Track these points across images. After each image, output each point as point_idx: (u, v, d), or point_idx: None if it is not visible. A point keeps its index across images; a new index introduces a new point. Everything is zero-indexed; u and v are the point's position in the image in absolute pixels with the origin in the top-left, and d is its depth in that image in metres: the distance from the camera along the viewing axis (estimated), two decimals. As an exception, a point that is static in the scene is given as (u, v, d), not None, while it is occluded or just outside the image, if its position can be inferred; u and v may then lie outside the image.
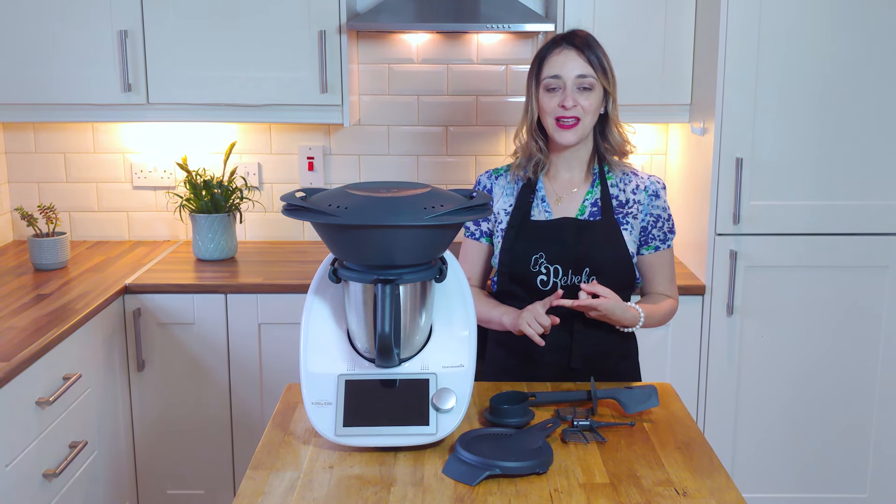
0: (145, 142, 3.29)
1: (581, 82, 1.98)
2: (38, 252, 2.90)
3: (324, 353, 1.70)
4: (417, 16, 2.99)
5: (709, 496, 1.51)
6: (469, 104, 3.30)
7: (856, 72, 2.73)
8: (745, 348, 2.88)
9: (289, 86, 2.94)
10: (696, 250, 2.95)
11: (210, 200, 3.04)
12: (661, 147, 3.32)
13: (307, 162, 3.31)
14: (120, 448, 2.77)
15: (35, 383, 2.19)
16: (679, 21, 2.91)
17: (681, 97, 2.97)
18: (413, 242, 1.58)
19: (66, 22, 2.88)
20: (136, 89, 2.93)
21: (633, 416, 1.82)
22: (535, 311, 1.91)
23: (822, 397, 2.92)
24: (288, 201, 1.59)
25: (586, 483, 1.55)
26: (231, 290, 2.81)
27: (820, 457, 2.96)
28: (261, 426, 2.81)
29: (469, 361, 1.70)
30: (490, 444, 1.62)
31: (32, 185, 3.32)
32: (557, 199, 2.08)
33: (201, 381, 2.85)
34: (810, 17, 2.70)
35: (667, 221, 2.08)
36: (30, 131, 3.29)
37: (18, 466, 2.10)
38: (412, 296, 1.65)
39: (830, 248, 2.82)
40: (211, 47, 2.91)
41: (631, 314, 1.96)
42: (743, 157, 2.76)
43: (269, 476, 1.58)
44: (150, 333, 2.81)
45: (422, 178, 3.34)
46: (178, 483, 2.90)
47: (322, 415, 1.66)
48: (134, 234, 3.37)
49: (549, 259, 2.01)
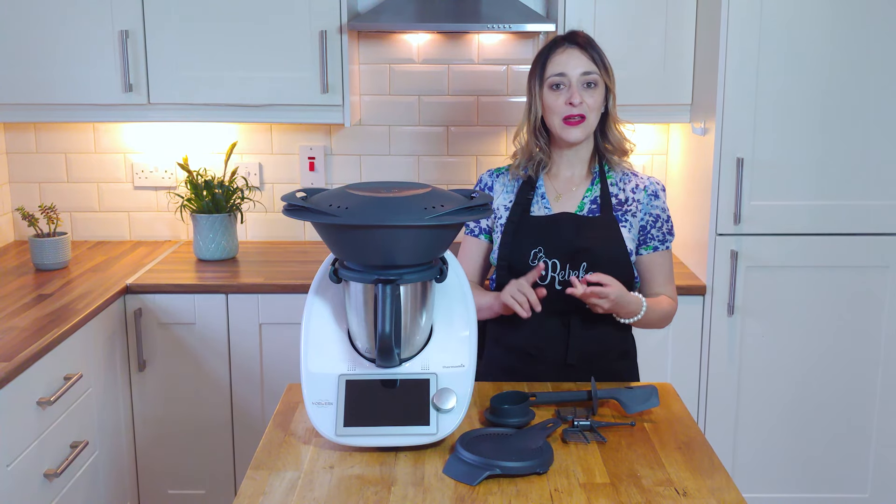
0: (146, 142, 3.30)
1: (586, 79, 2.00)
2: (39, 252, 2.90)
3: (324, 353, 1.70)
4: (418, 16, 2.99)
5: (709, 496, 1.51)
6: (470, 104, 3.30)
7: (857, 72, 2.73)
8: (746, 348, 2.88)
9: (290, 86, 2.94)
10: (696, 250, 2.95)
11: (211, 200, 3.04)
12: (662, 147, 3.31)
13: (308, 162, 3.31)
14: (121, 448, 2.77)
15: (36, 383, 2.19)
16: (680, 20, 2.91)
17: (681, 97, 2.97)
18: (414, 242, 1.58)
19: (66, 22, 2.88)
20: (137, 89, 2.93)
21: (634, 416, 1.82)
22: (518, 283, 1.93)
23: (822, 397, 2.92)
24: (289, 201, 1.59)
25: (587, 483, 1.55)
26: (232, 290, 2.81)
27: (821, 457, 2.96)
28: (261, 426, 2.81)
29: (469, 361, 1.70)
30: (490, 444, 1.62)
31: (34, 185, 3.32)
32: (557, 196, 2.09)
33: (202, 381, 2.85)
34: (811, 16, 2.69)
35: (665, 223, 2.09)
36: (31, 131, 3.29)
37: (19, 466, 2.10)
38: (413, 296, 1.65)
39: (831, 248, 2.82)
40: (212, 47, 2.91)
41: (634, 302, 1.97)
42: (744, 157, 2.76)
43: (270, 476, 1.58)
44: (151, 333, 2.81)
45: (423, 178, 3.34)
46: (179, 483, 2.91)
47: (323, 415, 1.66)
48: (135, 235, 3.38)
49: (547, 253, 2.02)
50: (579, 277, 1.99)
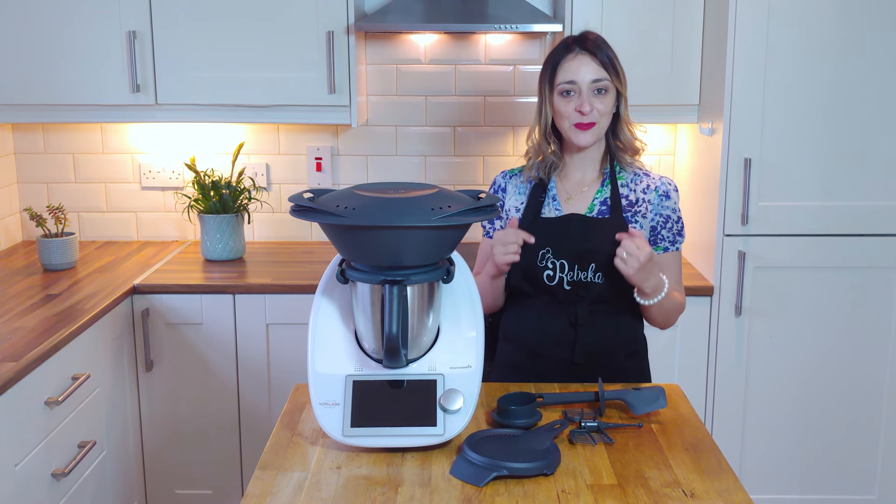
0: (154, 142, 3.30)
1: (596, 86, 2.00)
2: (46, 252, 2.91)
3: (331, 353, 1.70)
4: (425, 16, 2.99)
5: (717, 497, 1.51)
6: (477, 104, 3.30)
7: (864, 72, 2.72)
8: (754, 349, 2.87)
9: (297, 86, 2.95)
10: (704, 251, 2.94)
11: (218, 201, 3.04)
12: (670, 147, 3.31)
13: (315, 162, 3.31)
14: (128, 448, 2.77)
15: (44, 383, 2.20)
16: (687, 21, 2.90)
17: (689, 97, 2.96)
18: (420, 243, 1.58)
19: (74, 23, 2.89)
20: (144, 90, 2.93)
21: (641, 417, 1.81)
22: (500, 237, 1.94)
23: (830, 398, 2.91)
24: (296, 202, 1.59)
25: (594, 484, 1.55)
26: (239, 290, 2.82)
27: (828, 457, 2.95)
28: (269, 426, 2.81)
29: (477, 362, 1.70)
30: (497, 444, 1.62)
31: (41, 186, 3.33)
32: (568, 197, 2.09)
33: (209, 381, 2.85)
34: (819, 17, 2.69)
35: (676, 223, 2.08)
36: (39, 132, 3.30)
37: (27, 466, 2.11)
38: (420, 296, 1.65)
39: (839, 249, 2.81)
40: (219, 48, 2.92)
41: (659, 279, 1.96)
42: (751, 157, 2.75)
43: (277, 476, 1.58)
44: (159, 333, 2.81)
45: (430, 178, 3.34)
46: (187, 483, 2.91)
47: (330, 415, 1.66)
48: (142, 235, 3.38)
49: (555, 254, 2.02)
50: (587, 279, 1.99)
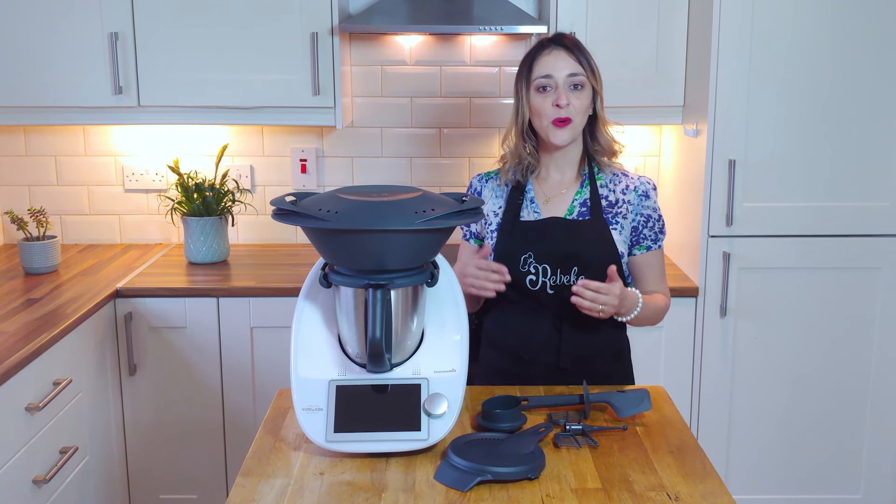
0: (136, 144, 3.28)
1: (572, 80, 1.99)
2: (28, 256, 2.88)
3: (315, 358, 1.69)
4: (410, 17, 2.98)
5: (701, 501, 1.50)
6: (462, 106, 3.29)
7: (848, 73, 2.72)
8: (739, 350, 2.88)
9: (281, 88, 2.93)
10: (689, 252, 2.94)
11: (202, 203, 3.02)
12: (654, 149, 3.31)
13: (300, 164, 3.30)
14: (112, 453, 2.75)
15: (25, 388, 2.18)
16: (672, 22, 2.91)
17: (674, 99, 2.96)
18: (404, 247, 1.57)
19: (56, 24, 2.87)
20: (126, 92, 2.91)
21: (626, 419, 1.81)
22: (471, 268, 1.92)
23: (815, 398, 2.92)
24: (278, 206, 1.58)
25: (578, 488, 1.54)
26: (223, 293, 2.80)
27: (814, 458, 2.96)
28: (253, 430, 2.79)
29: (461, 366, 1.69)
30: (482, 449, 1.61)
31: (23, 189, 3.30)
32: (546, 199, 2.08)
33: (193, 385, 2.83)
34: (803, 18, 2.69)
35: (657, 222, 2.08)
36: (20, 134, 3.27)
37: (8, 473, 2.09)
38: (403, 300, 1.64)
39: (823, 250, 2.82)
40: (202, 49, 2.90)
41: (632, 297, 1.96)
42: (736, 158, 2.76)
43: (260, 483, 1.57)
44: (142, 337, 2.79)
45: (415, 180, 3.33)
46: (171, 488, 2.89)
47: (313, 421, 1.65)
48: (125, 238, 3.36)
49: (537, 259, 2.01)
50: (570, 282, 1.98)
